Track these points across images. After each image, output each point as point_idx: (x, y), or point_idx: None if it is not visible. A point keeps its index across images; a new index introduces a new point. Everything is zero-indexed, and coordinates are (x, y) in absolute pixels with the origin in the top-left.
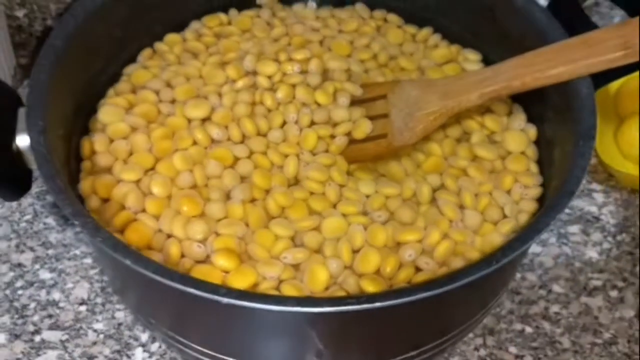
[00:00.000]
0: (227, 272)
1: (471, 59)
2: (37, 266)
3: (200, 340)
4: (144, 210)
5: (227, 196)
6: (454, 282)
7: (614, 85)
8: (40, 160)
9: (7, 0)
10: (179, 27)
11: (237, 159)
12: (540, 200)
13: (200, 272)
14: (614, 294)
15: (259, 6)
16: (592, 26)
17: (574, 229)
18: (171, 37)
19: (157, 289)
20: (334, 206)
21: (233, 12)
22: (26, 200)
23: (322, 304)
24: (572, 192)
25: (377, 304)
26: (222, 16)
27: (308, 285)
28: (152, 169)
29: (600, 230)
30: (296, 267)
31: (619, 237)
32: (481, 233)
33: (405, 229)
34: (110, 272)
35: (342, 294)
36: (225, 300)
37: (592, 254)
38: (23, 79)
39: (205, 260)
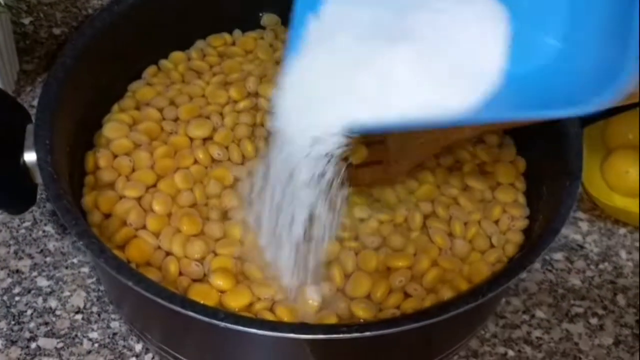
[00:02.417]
0: (223, 291)
1: None
2: (34, 273)
3: (194, 357)
4: (144, 227)
5: (225, 215)
6: (443, 314)
7: None
8: (48, 179)
9: (14, 8)
10: (185, 46)
11: (236, 180)
12: (526, 231)
13: (198, 291)
14: (594, 321)
15: (263, 28)
16: None
17: (559, 256)
18: (176, 55)
19: (155, 308)
20: None
21: (237, 32)
22: None
23: (316, 331)
24: (557, 231)
25: (368, 333)
26: (226, 36)
27: (301, 307)
28: (154, 186)
29: (583, 259)
30: (290, 287)
31: (601, 266)
32: (469, 261)
33: (396, 255)
34: (109, 286)
35: (333, 317)
36: (223, 324)
37: (575, 281)
38: (26, 85)
39: (202, 278)
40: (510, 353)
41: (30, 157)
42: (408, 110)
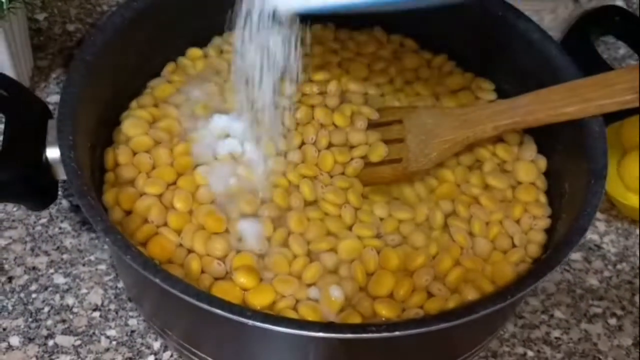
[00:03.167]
0: (246, 289)
1: (485, 87)
2: (51, 270)
3: (215, 354)
4: (165, 224)
5: (246, 214)
6: (471, 314)
7: None
8: (72, 176)
9: (29, 3)
10: (202, 42)
11: (257, 179)
12: (548, 231)
13: (221, 289)
14: (613, 321)
15: None
16: (601, 63)
17: (576, 256)
18: (194, 51)
19: (179, 305)
20: (350, 228)
21: None
22: None
23: (344, 331)
24: (584, 230)
25: (397, 333)
26: None
27: (324, 306)
28: (174, 183)
29: (601, 259)
30: (312, 286)
31: (619, 266)
32: (491, 261)
33: (417, 253)
34: (130, 283)
35: (356, 316)
36: (250, 322)
37: (593, 281)
38: (41, 81)
39: (225, 276)
40: (530, 353)
41: (52, 153)
42: None
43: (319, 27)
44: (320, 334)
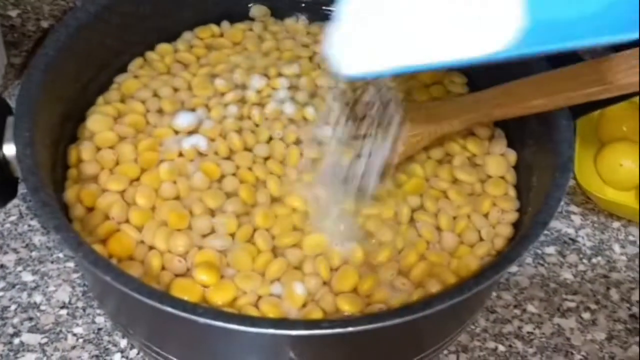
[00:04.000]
0: (207, 286)
1: (456, 82)
2: (19, 268)
3: (178, 353)
4: (127, 221)
5: (210, 210)
6: (427, 309)
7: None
8: (26, 172)
9: (1, 0)
10: (172, 38)
11: (223, 174)
12: (517, 224)
13: (181, 286)
14: (586, 316)
15: (252, 19)
16: (575, 57)
17: (551, 250)
18: (163, 47)
19: (136, 304)
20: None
21: (225, 24)
22: (11, 202)
23: (297, 327)
24: (545, 224)
25: (350, 329)
26: (214, 28)
27: (286, 302)
28: (137, 179)
29: (576, 252)
30: (275, 282)
31: (594, 260)
32: (457, 255)
33: (382, 248)
34: (91, 282)
35: (318, 312)
36: (202, 320)
37: (567, 275)
38: (14, 78)
39: (186, 273)
40: (501, 348)
41: (9, 149)
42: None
43: (291, 20)
44: (272, 331)
